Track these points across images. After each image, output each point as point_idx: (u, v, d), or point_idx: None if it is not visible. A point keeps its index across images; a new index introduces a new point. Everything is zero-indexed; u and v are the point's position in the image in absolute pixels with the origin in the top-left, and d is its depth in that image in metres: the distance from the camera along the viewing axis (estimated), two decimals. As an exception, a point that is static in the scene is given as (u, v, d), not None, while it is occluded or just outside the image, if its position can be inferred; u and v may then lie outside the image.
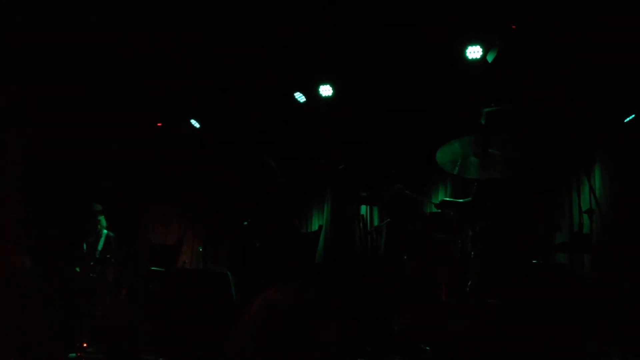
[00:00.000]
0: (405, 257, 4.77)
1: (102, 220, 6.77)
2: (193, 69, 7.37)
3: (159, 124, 8.44)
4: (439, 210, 4.81)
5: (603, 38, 5.21)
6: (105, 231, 6.72)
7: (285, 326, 1.38)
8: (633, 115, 4.83)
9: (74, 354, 5.02)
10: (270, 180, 5.95)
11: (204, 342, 4.74)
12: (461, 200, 4.85)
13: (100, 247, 6.62)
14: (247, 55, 7.03)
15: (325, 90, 7.32)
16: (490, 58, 6.08)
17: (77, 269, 6.47)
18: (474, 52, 6.17)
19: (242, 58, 7.09)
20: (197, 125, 8.26)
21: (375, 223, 6.65)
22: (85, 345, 5.40)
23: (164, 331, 5.15)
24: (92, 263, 6.47)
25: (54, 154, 7.21)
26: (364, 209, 5.35)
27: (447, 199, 4.95)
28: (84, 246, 6.63)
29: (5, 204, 6.77)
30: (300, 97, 7.52)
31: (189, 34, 6.72)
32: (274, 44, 6.87)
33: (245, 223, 5.93)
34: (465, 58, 6.20)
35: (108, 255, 6.52)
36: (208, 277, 5.60)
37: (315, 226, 7.42)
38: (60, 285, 6.02)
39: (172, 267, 6.62)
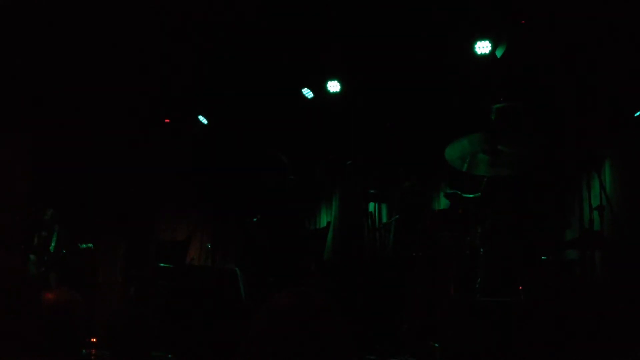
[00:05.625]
0: (413, 254, 4.76)
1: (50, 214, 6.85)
2: (200, 65, 7.36)
3: (167, 120, 8.45)
4: (448, 201, 4.81)
5: (611, 31, 5.16)
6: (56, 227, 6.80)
7: (292, 332, 1.37)
8: (643, 110, 4.78)
9: (83, 350, 5.04)
10: (281, 176, 5.94)
11: (212, 339, 4.75)
12: (471, 195, 4.84)
13: (53, 242, 6.72)
14: (255, 50, 7.02)
15: (333, 86, 7.30)
16: (499, 53, 6.04)
17: (32, 257, 6.55)
18: (483, 47, 6.13)
19: (249, 53, 7.07)
20: (204, 121, 8.26)
21: (384, 220, 6.63)
22: (94, 340, 5.42)
23: (172, 328, 5.17)
24: (45, 258, 6.57)
25: (60, 149, 7.25)
26: (372, 206, 5.33)
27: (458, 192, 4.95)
28: (35, 239, 6.73)
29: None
30: (308, 93, 7.50)
31: (195, 28, 6.71)
32: (281, 40, 6.85)
33: (255, 219, 5.92)
34: (474, 53, 6.16)
35: (64, 251, 6.61)
36: (216, 274, 5.60)
37: (323, 223, 7.41)
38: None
39: (181, 264, 6.62)
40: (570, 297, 3.68)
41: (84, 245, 6.73)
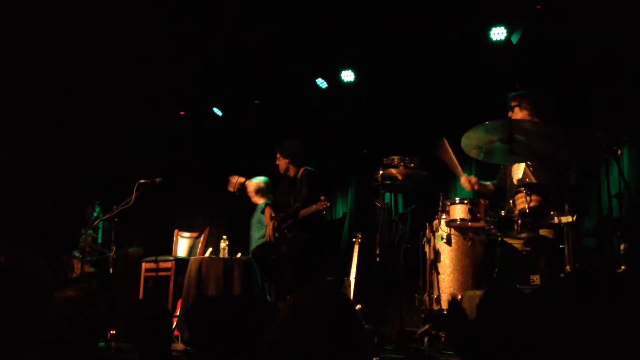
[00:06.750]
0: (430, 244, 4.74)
1: (97, 211, 6.78)
2: (214, 56, 7.37)
3: (182, 113, 8.47)
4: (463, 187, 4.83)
5: (629, 14, 5.09)
6: (101, 223, 6.73)
7: (314, 327, 1.38)
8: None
9: (103, 343, 5.07)
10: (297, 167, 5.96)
11: (231, 330, 4.77)
12: (488, 182, 4.83)
13: (99, 239, 6.67)
14: (268, 40, 7.01)
15: (347, 76, 7.27)
16: (515, 39, 5.98)
17: (78, 254, 6.53)
18: (498, 33, 6.07)
19: (263, 43, 7.06)
20: (219, 113, 8.27)
21: (400, 210, 6.62)
22: (114, 332, 5.46)
23: (192, 319, 5.20)
24: (94, 257, 6.51)
25: (77, 145, 7.30)
26: (388, 196, 5.32)
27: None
28: (82, 238, 6.68)
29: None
30: (322, 83, 7.48)
31: (208, 18, 6.72)
32: (293, 30, 6.83)
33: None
34: (490, 40, 6.10)
35: (112, 254, 6.40)
36: (234, 265, 5.63)
37: (339, 213, 7.41)
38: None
39: (198, 256, 6.65)
40: (588, 286, 3.65)
41: (133, 249, 6.68)
